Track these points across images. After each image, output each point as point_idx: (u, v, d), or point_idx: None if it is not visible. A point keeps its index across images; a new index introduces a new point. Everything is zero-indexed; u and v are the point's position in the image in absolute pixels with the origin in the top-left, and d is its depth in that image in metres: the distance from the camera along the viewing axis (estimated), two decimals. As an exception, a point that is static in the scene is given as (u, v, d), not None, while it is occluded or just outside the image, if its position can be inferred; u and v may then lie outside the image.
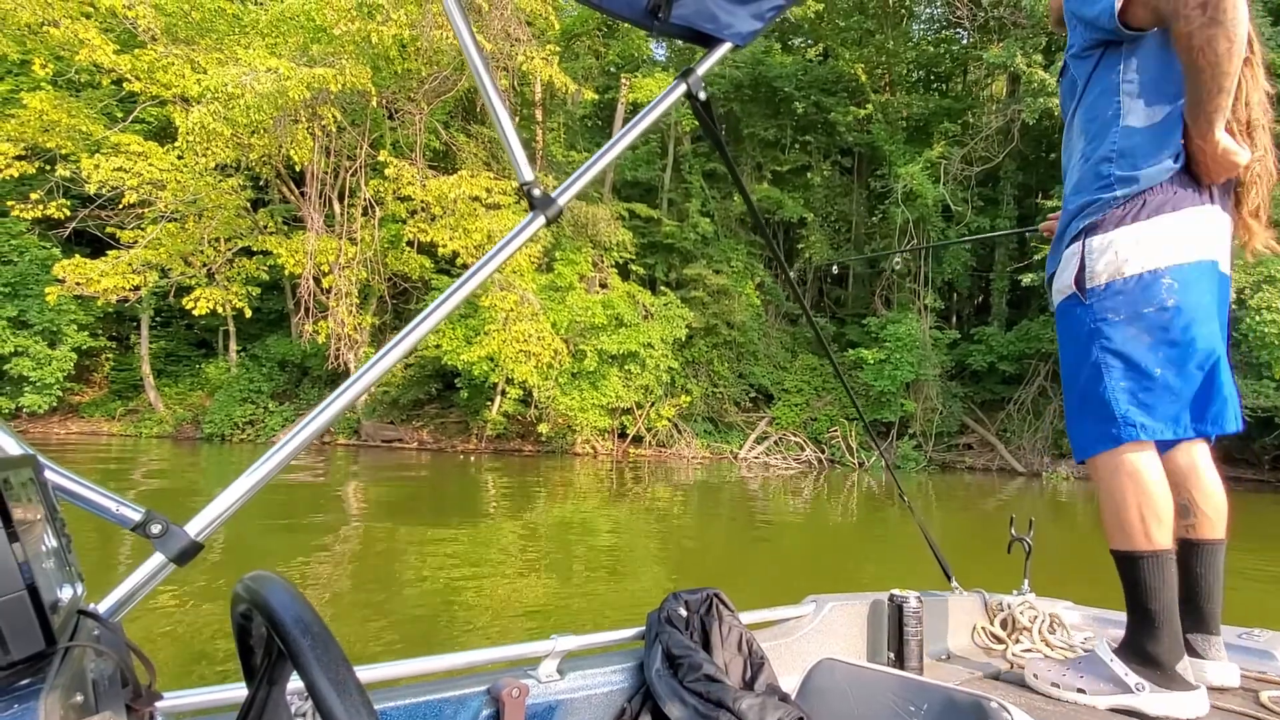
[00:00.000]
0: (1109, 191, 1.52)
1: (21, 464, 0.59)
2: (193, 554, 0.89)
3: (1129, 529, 1.49)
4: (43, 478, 0.63)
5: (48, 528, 0.60)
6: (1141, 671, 1.48)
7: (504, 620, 4.39)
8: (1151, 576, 1.47)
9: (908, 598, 1.67)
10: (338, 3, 12.91)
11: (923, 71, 21.87)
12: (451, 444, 16.70)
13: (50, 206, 15.65)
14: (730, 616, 1.41)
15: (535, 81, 16.83)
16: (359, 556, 6.20)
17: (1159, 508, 1.48)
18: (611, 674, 1.32)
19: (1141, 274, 1.49)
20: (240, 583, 0.60)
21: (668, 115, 18.65)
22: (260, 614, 0.54)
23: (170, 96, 15.22)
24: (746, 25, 1.34)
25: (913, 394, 16.19)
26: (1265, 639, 1.78)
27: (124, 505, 0.86)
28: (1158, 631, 1.47)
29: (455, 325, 15.19)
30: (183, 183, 15.08)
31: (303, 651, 0.49)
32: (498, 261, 1.13)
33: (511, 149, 1.17)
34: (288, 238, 16.90)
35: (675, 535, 7.78)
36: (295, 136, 14.82)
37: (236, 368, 19.34)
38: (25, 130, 15.16)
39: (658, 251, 18.42)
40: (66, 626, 0.57)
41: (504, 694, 1.15)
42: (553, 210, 1.16)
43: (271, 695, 0.63)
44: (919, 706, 1.10)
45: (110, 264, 15.28)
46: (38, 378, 17.44)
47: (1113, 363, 1.53)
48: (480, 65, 1.18)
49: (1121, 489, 1.51)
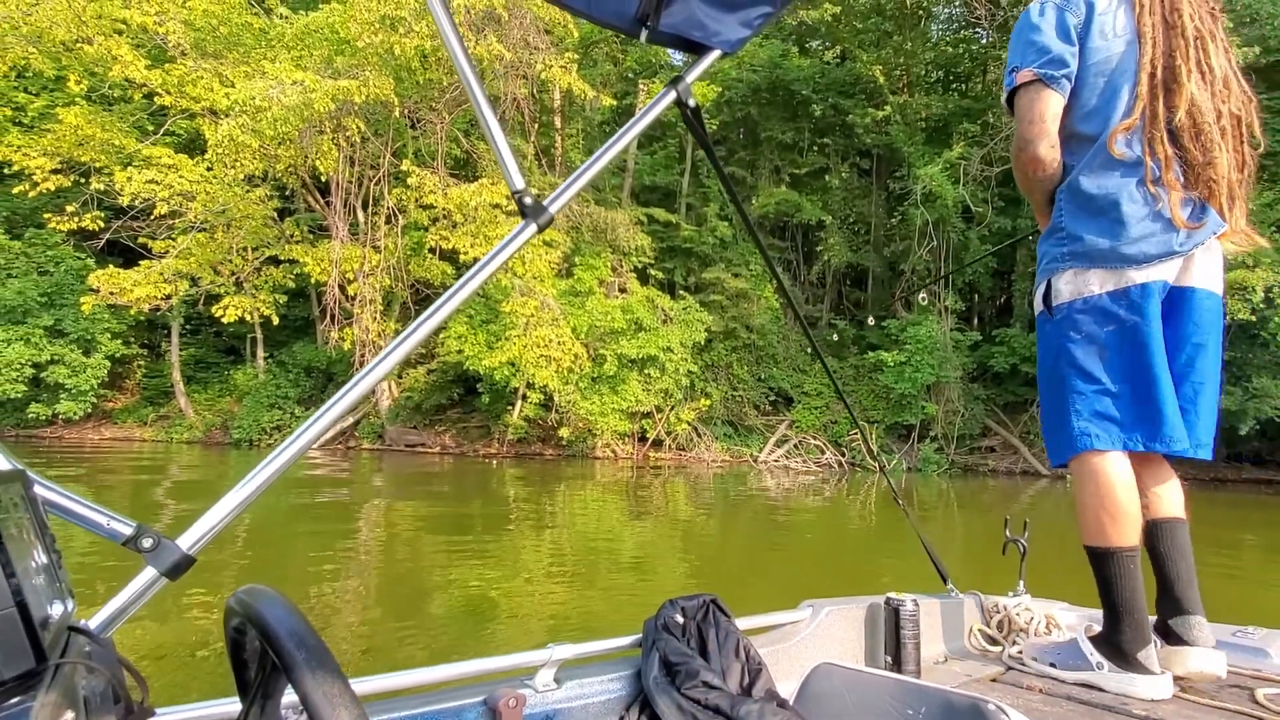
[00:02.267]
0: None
1: (10, 479, 0.58)
2: (185, 568, 0.88)
3: (1089, 527, 1.61)
4: (32, 493, 0.63)
5: (38, 544, 0.59)
6: (1106, 654, 1.59)
7: (529, 623, 4.49)
8: (1109, 571, 1.58)
9: (904, 601, 1.68)
10: (361, 16, 13.17)
11: (941, 72, 21.76)
12: (474, 448, 16.89)
13: (85, 218, 16.15)
14: (727, 623, 1.42)
15: (554, 89, 17.00)
16: (384, 562, 6.34)
17: (1117, 510, 1.57)
18: (609, 682, 1.31)
19: (1101, 294, 1.59)
20: (234, 596, 0.59)
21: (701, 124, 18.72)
22: (254, 627, 0.54)
23: (199, 110, 15.63)
24: (735, 33, 1.34)
25: (934, 396, 16.11)
26: (1260, 636, 1.79)
27: (115, 520, 0.85)
28: (1120, 622, 1.58)
29: (477, 331, 15.38)
30: (212, 194, 15.46)
31: (297, 665, 0.49)
32: (490, 270, 1.12)
33: (502, 156, 1.17)
34: (313, 246, 17.24)
35: (696, 538, 7.85)
36: (320, 147, 15.13)
37: (264, 374, 19.70)
38: (61, 145, 15.65)
39: (676, 256, 18.50)
40: (57, 643, 0.56)
41: (501, 704, 1.14)
42: (544, 218, 1.16)
43: (266, 710, 0.62)
44: (917, 710, 1.10)
45: (143, 274, 15.69)
46: (73, 385, 17.92)
47: (1073, 377, 1.63)
48: (471, 75, 1.15)
49: (1083, 491, 1.63)
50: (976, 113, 18.71)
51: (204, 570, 5.52)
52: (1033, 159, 1.62)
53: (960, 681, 1.67)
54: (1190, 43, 1.54)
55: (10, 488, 0.57)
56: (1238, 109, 1.58)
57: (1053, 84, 1.58)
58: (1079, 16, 1.60)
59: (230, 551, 6.33)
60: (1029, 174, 1.66)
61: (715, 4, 1.28)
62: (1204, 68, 1.55)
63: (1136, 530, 1.58)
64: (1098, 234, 1.58)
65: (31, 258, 18.52)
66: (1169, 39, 1.55)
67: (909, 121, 18.73)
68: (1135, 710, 1.47)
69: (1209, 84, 1.55)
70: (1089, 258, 1.60)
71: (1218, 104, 1.55)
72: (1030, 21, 1.63)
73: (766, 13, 1.32)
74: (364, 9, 13.12)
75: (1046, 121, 1.60)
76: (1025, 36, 1.63)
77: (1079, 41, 1.60)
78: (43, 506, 0.69)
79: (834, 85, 19.36)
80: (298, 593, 5.02)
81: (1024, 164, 1.65)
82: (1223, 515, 10.47)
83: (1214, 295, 1.62)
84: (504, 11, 13.85)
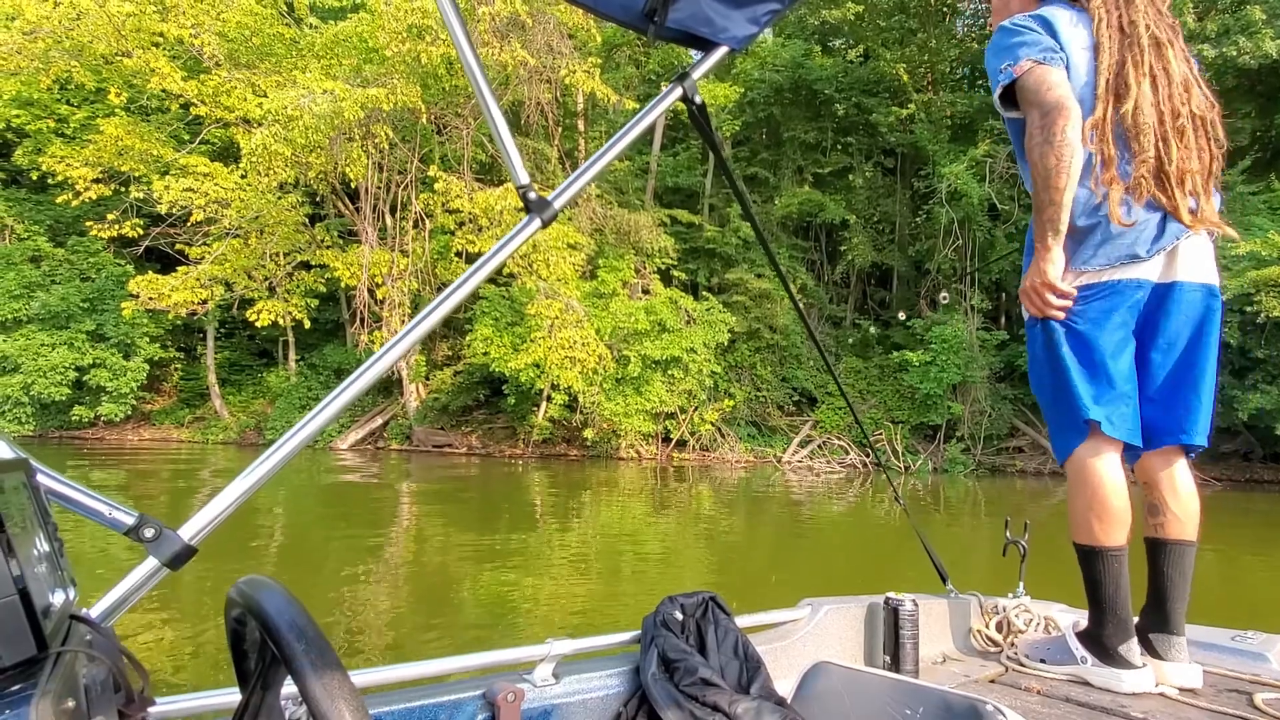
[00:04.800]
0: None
1: (13, 468, 0.59)
2: (186, 558, 0.88)
3: (1078, 526, 1.65)
4: (35, 482, 0.63)
5: (40, 532, 0.59)
6: (1091, 649, 1.64)
7: (558, 617, 4.60)
8: (1096, 569, 1.62)
9: (903, 600, 1.67)
10: (389, 25, 13.44)
11: (967, 68, 21.49)
12: (499, 449, 17.09)
13: (125, 226, 16.66)
14: (726, 620, 1.42)
15: (578, 93, 17.16)
16: (412, 560, 6.50)
17: (1105, 510, 1.60)
18: (607, 678, 1.31)
19: (1092, 284, 1.61)
20: (234, 587, 0.60)
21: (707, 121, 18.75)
22: (254, 618, 0.55)
23: (233, 119, 16.04)
24: (742, 29, 1.32)
25: (960, 396, 15.97)
26: (1259, 641, 1.78)
27: (117, 509, 0.85)
28: (1103, 617, 1.63)
29: (503, 333, 15.59)
30: (246, 201, 15.86)
31: (297, 656, 0.49)
32: (493, 264, 1.13)
33: (507, 152, 1.16)
34: (343, 251, 17.60)
35: (720, 537, 7.91)
36: (350, 154, 15.45)
37: (295, 376, 20.13)
38: (102, 155, 16.17)
39: (699, 257, 18.55)
40: (59, 631, 0.56)
41: (499, 698, 1.14)
42: (548, 213, 1.16)
43: (265, 700, 0.62)
44: (915, 710, 1.10)
45: (180, 279, 16.15)
46: (114, 388, 18.47)
47: (1068, 368, 1.63)
48: (477, 71, 1.14)
49: (1075, 488, 1.66)
50: (1003, 109, 18.42)
51: (242, 560, 5.73)
52: (1066, 116, 1.51)
53: (958, 682, 1.67)
54: (1144, 50, 1.59)
55: (12, 476, 0.57)
56: (1199, 109, 1.61)
57: (1053, 63, 1.57)
58: (1050, 30, 1.64)
59: (265, 546, 6.54)
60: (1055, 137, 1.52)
61: (723, 0, 1.26)
62: (1156, 73, 1.59)
63: (1124, 531, 1.61)
64: (1074, 235, 1.62)
65: (74, 264, 19.13)
66: (1123, 47, 1.60)
67: (934, 119, 18.57)
68: (1133, 713, 1.46)
69: (1167, 87, 1.59)
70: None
71: (1176, 105, 1.59)
72: (1011, 29, 1.64)
73: (774, 9, 1.31)
74: (391, 18, 13.39)
75: (1066, 85, 1.55)
76: (1008, 41, 1.62)
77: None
78: (45, 495, 0.69)
79: (857, 84, 19.26)
80: (330, 586, 5.18)
81: (1055, 126, 1.51)
82: (1261, 516, 10.28)
83: (1203, 286, 1.62)
84: (528, 18, 14.03)
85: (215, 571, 5.23)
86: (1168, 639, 1.63)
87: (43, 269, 18.66)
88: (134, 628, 4.14)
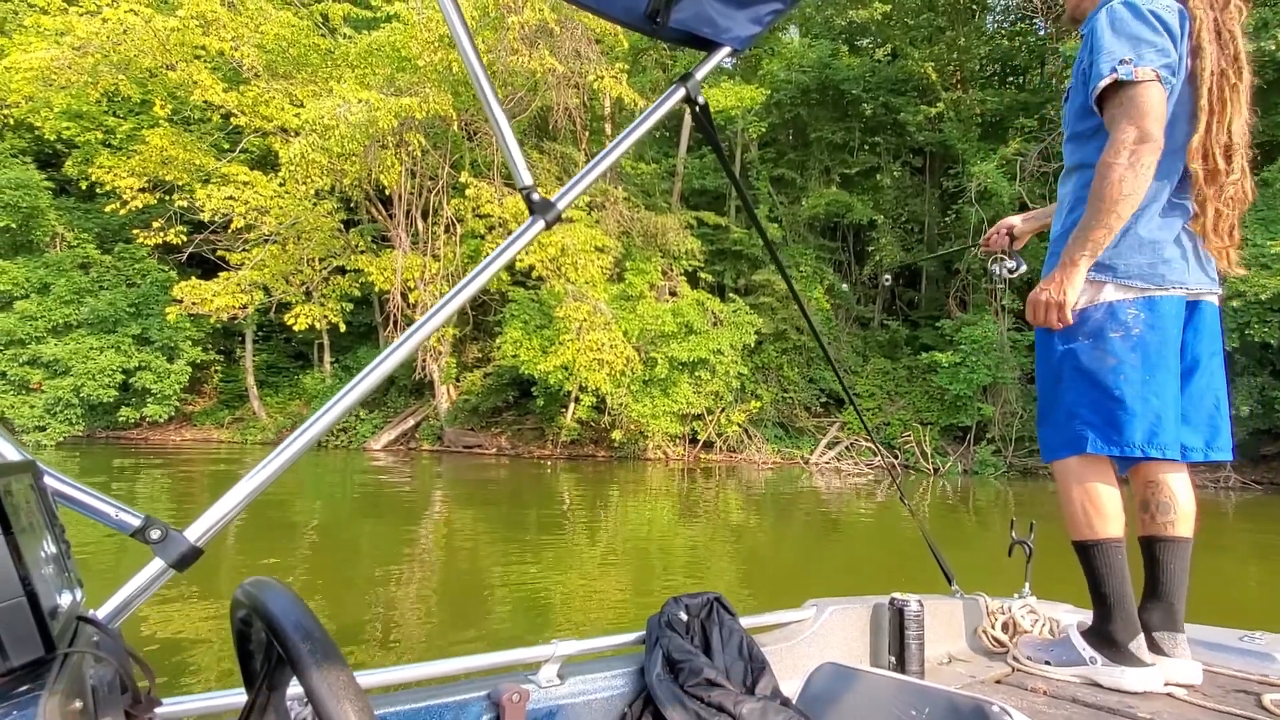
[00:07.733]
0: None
1: (21, 470, 0.59)
2: (192, 559, 0.88)
3: (1075, 521, 1.69)
4: (42, 484, 0.64)
5: (47, 534, 0.59)
6: (1099, 647, 1.65)
7: (593, 614, 4.74)
8: (1098, 563, 1.64)
9: (908, 601, 1.67)
10: (421, 35, 13.75)
11: (997, 66, 21.26)
12: (528, 450, 17.33)
13: (169, 233, 17.26)
14: (731, 620, 1.42)
15: (605, 98, 17.34)
16: (445, 561, 6.69)
17: (1101, 503, 1.64)
18: (612, 679, 1.32)
19: (1112, 302, 1.60)
20: (240, 588, 0.60)
21: (735, 122, 18.84)
22: (260, 619, 0.55)
23: (272, 128, 16.51)
24: (745, 29, 1.32)
25: (990, 398, 15.82)
26: (1266, 641, 1.77)
27: (123, 511, 0.86)
28: (1111, 613, 1.64)
29: (532, 336, 15.81)
30: (284, 208, 16.33)
31: (302, 657, 0.49)
32: (498, 265, 1.13)
33: (511, 153, 1.18)
34: (377, 256, 17.98)
35: (748, 539, 8.00)
36: (384, 161, 15.82)
37: (331, 378, 20.59)
38: (147, 165, 16.74)
39: (726, 258, 18.60)
40: (66, 633, 0.56)
41: (504, 699, 1.15)
42: (551, 215, 1.17)
43: (271, 700, 0.63)
44: (920, 711, 1.09)
45: (221, 285, 16.68)
46: (158, 390, 19.08)
47: (1078, 380, 1.65)
48: (480, 72, 1.14)
49: (1069, 488, 1.70)
50: (1034, 106, 18.24)
51: (271, 558, 5.97)
52: (1156, 152, 1.44)
53: (964, 683, 1.66)
54: (1243, 66, 1.52)
55: (20, 478, 0.57)
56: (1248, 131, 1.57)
57: (1168, 86, 1.47)
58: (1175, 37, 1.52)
59: (298, 545, 6.78)
60: (1141, 169, 1.45)
61: (725, 0, 1.27)
62: (1242, 90, 1.53)
63: (1120, 523, 1.65)
64: (1128, 248, 1.58)
65: (121, 270, 19.81)
66: (1222, 57, 1.52)
67: (963, 118, 18.41)
68: (1140, 713, 1.45)
69: (1248, 105, 1.54)
70: (1110, 268, 1.59)
71: (1242, 122, 1.54)
72: (1148, 19, 1.49)
73: (776, 9, 1.29)
74: (423, 29, 13.70)
75: (1165, 115, 1.47)
76: (1139, 32, 1.48)
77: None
78: (52, 497, 0.69)
79: (885, 83, 19.16)
80: (362, 586, 5.35)
81: (1145, 157, 1.44)
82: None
83: (1214, 304, 1.67)
84: (556, 26, 14.25)
85: (247, 568, 5.39)
86: (1171, 635, 1.65)
87: (91, 275, 19.33)
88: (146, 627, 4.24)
